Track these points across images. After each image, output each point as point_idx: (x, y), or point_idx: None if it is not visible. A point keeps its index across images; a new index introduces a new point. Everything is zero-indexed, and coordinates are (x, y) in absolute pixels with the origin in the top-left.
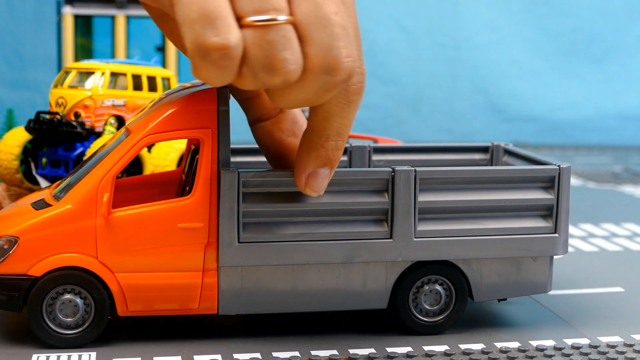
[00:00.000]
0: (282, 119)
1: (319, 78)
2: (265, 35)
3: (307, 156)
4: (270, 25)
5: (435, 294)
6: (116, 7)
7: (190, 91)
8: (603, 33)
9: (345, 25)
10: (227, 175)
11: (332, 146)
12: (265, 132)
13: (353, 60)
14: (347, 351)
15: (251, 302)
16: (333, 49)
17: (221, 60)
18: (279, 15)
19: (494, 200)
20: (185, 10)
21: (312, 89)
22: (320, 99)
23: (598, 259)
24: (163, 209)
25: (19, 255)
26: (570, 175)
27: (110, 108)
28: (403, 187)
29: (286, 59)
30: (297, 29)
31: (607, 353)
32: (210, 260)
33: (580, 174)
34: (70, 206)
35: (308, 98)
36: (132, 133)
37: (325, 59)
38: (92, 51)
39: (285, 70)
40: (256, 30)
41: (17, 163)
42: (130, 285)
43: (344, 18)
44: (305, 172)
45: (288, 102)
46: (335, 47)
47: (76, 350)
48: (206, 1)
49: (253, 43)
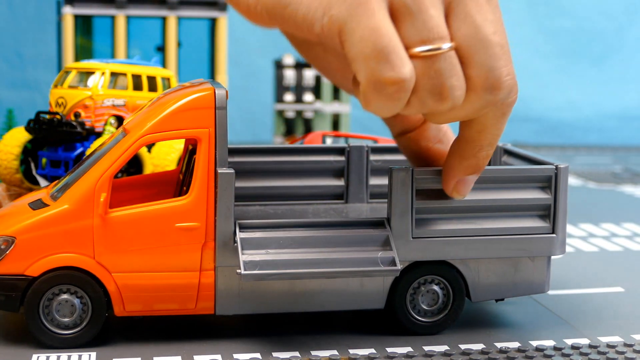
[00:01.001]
0: (427, 128)
1: (481, 98)
2: (433, 64)
3: (459, 165)
4: (437, 54)
5: (432, 294)
6: (116, 7)
7: (188, 91)
8: (603, 33)
9: (503, 43)
10: (224, 175)
11: (484, 156)
12: (412, 142)
13: (512, 77)
14: (347, 351)
15: (249, 303)
16: (495, 69)
17: (396, 93)
18: (444, 43)
19: (491, 200)
20: (358, 46)
21: (474, 107)
22: (478, 114)
23: (598, 259)
24: (160, 209)
25: (16, 255)
26: (568, 175)
27: (110, 108)
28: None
29: (453, 85)
30: (458, 53)
31: (607, 353)
32: (207, 260)
33: (580, 174)
34: (68, 206)
35: (467, 115)
36: (130, 133)
37: (487, 80)
38: (92, 51)
39: (453, 97)
40: (424, 61)
41: (17, 163)
42: (127, 285)
43: (502, 37)
44: (455, 179)
45: (446, 120)
46: (496, 67)
47: (76, 350)
48: (379, 36)
49: (422, 73)
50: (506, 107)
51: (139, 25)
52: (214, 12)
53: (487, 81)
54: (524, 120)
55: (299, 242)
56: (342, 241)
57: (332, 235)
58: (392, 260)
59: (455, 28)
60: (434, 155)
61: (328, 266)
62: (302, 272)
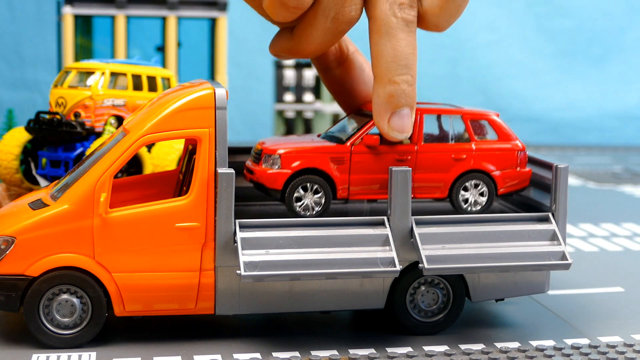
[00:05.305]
0: (350, 68)
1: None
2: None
3: (382, 96)
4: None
5: (432, 294)
6: (116, 7)
7: (188, 91)
8: (603, 33)
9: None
10: (224, 175)
11: (400, 80)
12: (337, 82)
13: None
14: (347, 351)
15: (249, 303)
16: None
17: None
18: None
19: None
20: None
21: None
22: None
23: (598, 259)
24: (160, 209)
25: (16, 255)
26: (568, 176)
27: (110, 108)
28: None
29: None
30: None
31: (607, 353)
32: (207, 260)
33: (580, 174)
34: (68, 206)
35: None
36: (130, 133)
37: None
38: (92, 51)
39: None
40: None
41: (17, 163)
42: (127, 285)
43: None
44: (385, 114)
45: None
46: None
47: (76, 350)
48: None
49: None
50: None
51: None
52: (214, 12)
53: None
54: (524, 120)
55: (299, 242)
56: (342, 241)
57: (332, 235)
58: (392, 261)
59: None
60: (358, 96)
61: (328, 267)
62: (301, 273)
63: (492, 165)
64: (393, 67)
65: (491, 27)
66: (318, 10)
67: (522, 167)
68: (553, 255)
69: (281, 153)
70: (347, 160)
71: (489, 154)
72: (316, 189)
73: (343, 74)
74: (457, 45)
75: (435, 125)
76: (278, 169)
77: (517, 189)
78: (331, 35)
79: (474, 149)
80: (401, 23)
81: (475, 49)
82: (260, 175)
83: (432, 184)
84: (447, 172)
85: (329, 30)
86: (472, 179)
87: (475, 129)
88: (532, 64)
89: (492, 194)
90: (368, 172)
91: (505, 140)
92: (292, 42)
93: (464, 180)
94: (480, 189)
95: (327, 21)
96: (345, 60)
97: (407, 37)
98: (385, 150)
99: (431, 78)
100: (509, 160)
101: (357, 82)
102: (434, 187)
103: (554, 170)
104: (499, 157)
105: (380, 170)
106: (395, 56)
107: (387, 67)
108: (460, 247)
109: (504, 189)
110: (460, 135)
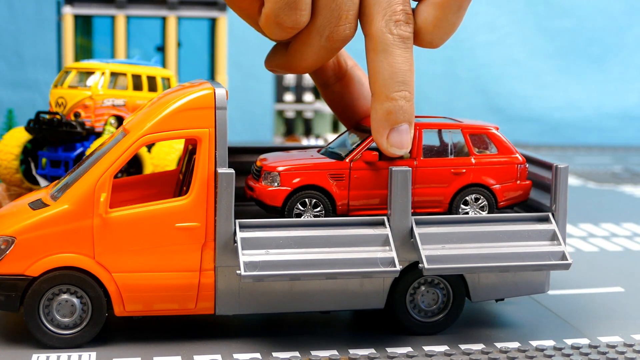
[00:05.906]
0: (349, 83)
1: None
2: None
3: (380, 112)
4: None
5: (432, 294)
6: (116, 7)
7: (188, 91)
8: (603, 33)
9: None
10: (224, 175)
11: (398, 96)
12: (336, 98)
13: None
14: (347, 351)
15: (249, 303)
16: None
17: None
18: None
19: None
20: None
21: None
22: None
23: (598, 259)
24: (160, 209)
25: (16, 255)
26: (568, 176)
27: (110, 108)
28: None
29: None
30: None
31: (607, 353)
32: (207, 260)
33: (580, 174)
34: (68, 206)
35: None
36: (130, 133)
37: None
38: (92, 51)
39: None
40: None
41: (17, 163)
42: (127, 285)
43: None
44: (384, 130)
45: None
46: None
47: (76, 350)
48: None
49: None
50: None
51: (139, 25)
52: (214, 12)
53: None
54: (525, 120)
55: (299, 242)
56: (342, 241)
57: (332, 235)
58: (392, 261)
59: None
60: (358, 110)
61: (328, 267)
62: (301, 274)
63: (492, 179)
64: (390, 84)
65: (491, 27)
66: (313, 29)
67: (522, 180)
68: (553, 255)
69: (280, 170)
70: (346, 176)
71: (488, 168)
72: (315, 203)
73: (342, 88)
74: (457, 44)
75: (434, 140)
76: (277, 186)
77: (517, 201)
78: (325, 53)
79: (473, 162)
80: (397, 40)
81: (474, 48)
82: (260, 192)
83: (432, 199)
84: (447, 186)
85: (323, 48)
86: (472, 193)
87: (475, 142)
88: (532, 64)
89: (492, 207)
90: (367, 188)
91: (505, 154)
92: (287, 59)
93: (464, 194)
94: (480, 203)
95: (321, 39)
96: (344, 75)
97: (404, 54)
98: (384, 165)
99: (430, 77)
100: (509, 173)
101: (357, 97)
102: (434, 201)
103: (554, 170)
104: (498, 170)
105: (379, 186)
106: (392, 73)
107: (385, 84)
108: (460, 247)
109: (504, 202)
110: (460, 149)
